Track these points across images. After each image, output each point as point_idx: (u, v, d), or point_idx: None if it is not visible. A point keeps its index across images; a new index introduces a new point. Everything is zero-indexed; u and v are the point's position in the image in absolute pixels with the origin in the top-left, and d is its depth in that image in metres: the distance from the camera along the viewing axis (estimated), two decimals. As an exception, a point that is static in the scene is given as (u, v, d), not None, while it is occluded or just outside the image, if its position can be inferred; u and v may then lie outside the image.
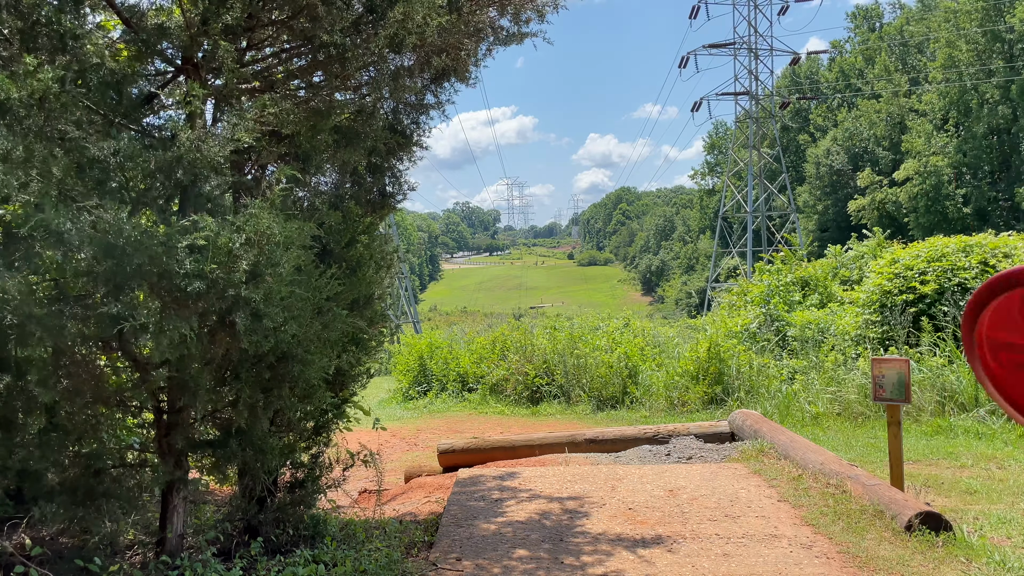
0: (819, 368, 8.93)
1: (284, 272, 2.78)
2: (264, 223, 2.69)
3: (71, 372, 2.90)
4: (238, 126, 2.87)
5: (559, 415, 10.04)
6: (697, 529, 4.06)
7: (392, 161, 4.30)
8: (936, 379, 7.70)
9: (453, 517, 4.45)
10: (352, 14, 3.31)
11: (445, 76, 4.23)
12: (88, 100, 2.82)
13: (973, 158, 44.36)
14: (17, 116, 2.45)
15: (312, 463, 3.94)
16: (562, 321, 14.26)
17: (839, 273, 12.96)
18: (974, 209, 43.66)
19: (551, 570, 3.55)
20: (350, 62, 3.31)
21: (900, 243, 11.60)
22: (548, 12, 4.38)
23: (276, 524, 3.78)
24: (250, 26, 3.34)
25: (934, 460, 5.92)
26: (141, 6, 3.39)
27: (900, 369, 4.48)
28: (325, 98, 3.58)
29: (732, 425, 6.83)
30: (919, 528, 3.77)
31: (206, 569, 3.17)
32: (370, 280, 3.86)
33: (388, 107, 4.15)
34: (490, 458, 6.54)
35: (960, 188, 44.42)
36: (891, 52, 54.10)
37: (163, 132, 3.25)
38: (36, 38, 2.87)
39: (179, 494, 3.33)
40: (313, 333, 3.15)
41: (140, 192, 2.82)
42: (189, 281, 2.60)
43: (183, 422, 3.22)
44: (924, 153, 44.70)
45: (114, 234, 2.46)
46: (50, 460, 2.93)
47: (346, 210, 3.76)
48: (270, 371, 3.22)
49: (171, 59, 3.37)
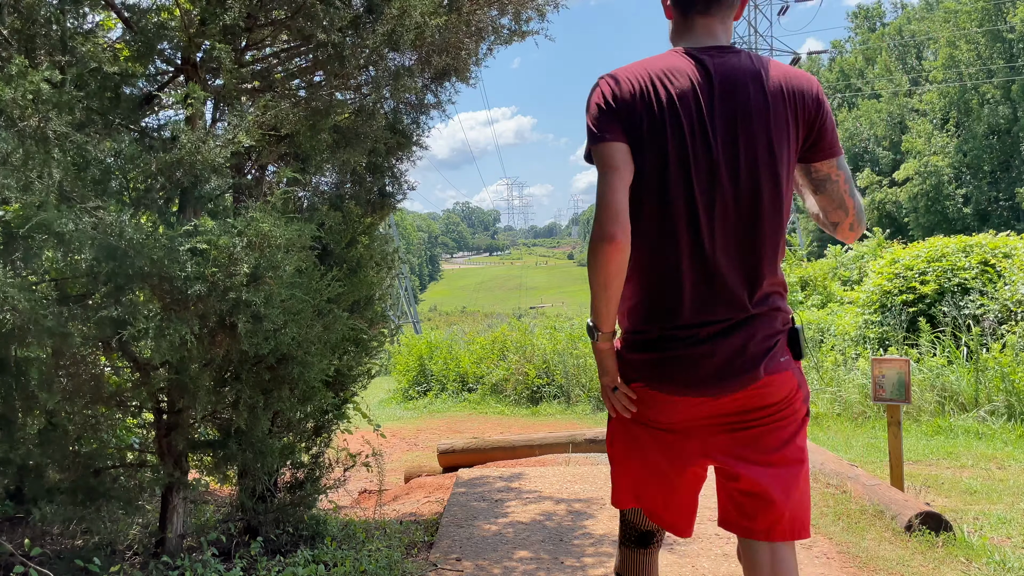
0: (819, 368, 8.93)
1: (285, 275, 2.78)
2: (265, 227, 2.69)
3: (71, 373, 2.91)
4: (239, 128, 2.86)
5: (559, 415, 10.04)
6: (697, 529, 4.06)
7: (392, 161, 4.30)
8: (936, 379, 7.70)
9: (453, 517, 4.45)
10: (350, 12, 3.31)
11: (446, 75, 4.23)
12: (87, 101, 2.82)
13: (973, 158, 44.35)
14: (11, 117, 2.44)
15: (312, 463, 3.93)
16: (562, 321, 14.27)
17: (839, 273, 12.97)
18: (974, 209, 43.65)
19: (552, 570, 3.55)
20: (349, 61, 3.31)
21: (900, 243, 11.61)
22: (549, 11, 4.39)
23: (276, 524, 3.78)
24: (249, 26, 3.33)
25: (934, 460, 5.92)
26: (140, 5, 3.39)
27: (900, 369, 4.48)
28: (325, 98, 3.58)
29: (732, 425, 6.83)
30: (919, 528, 3.77)
31: (206, 569, 3.17)
32: (370, 281, 3.86)
33: (388, 107, 4.15)
34: (490, 458, 6.53)
35: (960, 188, 44.42)
36: (891, 52, 54.08)
37: (162, 133, 3.25)
38: (35, 38, 2.87)
39: (179, 494, 3.33)
40: (314, 335, 3.14)
41: (140, 194, 2.82)
42: (190, 284, 2.60)
43: (183, 423, 3.22)
44: (924, 153, 44.69)
45: (116, 236, 2.46)
46: (50, 458, 2.93)
47: (346, 210, 3.76)
48: (270, 372, 3.21)
49: (170, 59, 3.36)
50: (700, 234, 1.77)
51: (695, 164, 1.77)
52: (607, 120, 1.80)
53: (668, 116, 1.77)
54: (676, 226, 1.78)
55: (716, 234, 1.78)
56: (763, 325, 1.82)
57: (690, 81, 1.79)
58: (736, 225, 1.78)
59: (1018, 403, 7.12)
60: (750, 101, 1.78)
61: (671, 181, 1.77)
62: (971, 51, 45.06)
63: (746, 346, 1.79)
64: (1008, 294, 8.44)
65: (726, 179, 1.77)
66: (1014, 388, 7.19)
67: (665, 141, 1.77)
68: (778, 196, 1.80)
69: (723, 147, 1.77)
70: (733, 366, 1.78)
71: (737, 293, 1.80)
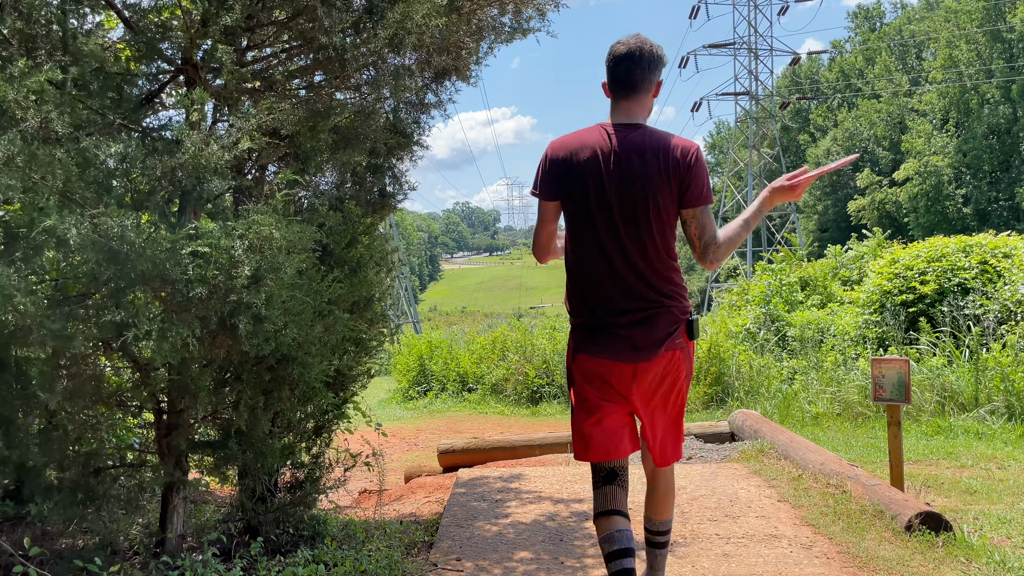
0: (819, 368, 8.93)
1: (286, 276, 2.78)
2: (267, 229, 2.69)
3: (72, 373, 2.91)
4: (242, 131, 2.87)
5: (559, 415, 10.04)
6: (697, 529, 4.06)
7: (392, 161, 4.30)
8: (936, 379, 7.70)
9: (453, 517, 4.45)
10: (352, 15, 3.31)
11: (446, 75, 4.23)
12: (89, 101, 2.82)
13: (973, 158, 44.36)
14: (14, 118, 2.44)
15: (312, 464, 3.93)
16: (562, 321, 14.25)
17: (839, 273, 12.97)
18: (974, 209, 43.66)
19: (552, 570, 3.55)
20: (350, 63, 3.31)
21: (900, 243, 11.60)
22: (549, 11, 4.38)
23: (276, 524, 3.78)
24: (250, 27, 3.34)
25: (934, 460, 5.92)
26: (142, 5, 3.39)
27: (900, 369, 4.48)
28: (325, 98, 3.58)
29: (732, 425, 6.84)
30: (919, 528, 3.77)
31: (206, 569, 3.17)
32: (371, 281, 3.86)
33: (388, 107, 4.15)
34: (490, 458, 6.54)
35: (960, 188, 44.42)
36: (891, 52, 54.08)
37: (162, 133, 3.24)
38: (36, 38, 2.87)
39: (179, 494, 3.33)
40: (314, 336, 3.15)
41: (143, 196, 2.82)
42: (192, 287, 2.60)
43: (183, 423, 3.22)
44: (924, 153, 44.70)
45: (118, 240, 2.46)
46: (50, 458, 2.93)
47: (346, 211, 3.75)
48: (271, 373, 3.21)
49: (170, 59, 3.36)
50: (607, 254, 2.59)
51: (600, 206, 2.58)
52: (543, 182, 2.68)
53: (585, 173, 2.60)
54: (593, 248, 2.62)
55: (617, 255, 2.58)
56: (663, 316, 2.60)
57: (601, 150, 2.60)
58: (628, 249, 2.58)
59: (1018, 403, 7.12)
60: (635, 165, 2.55)
61: (588, 218, 2.61)
62: (971, 51, 45.06)
63: (653, 331, 2.57)
64: (1008, 294, 8.44)
65: (618, 218, 2.57)
66: (1014, 388, 7.19)
67: (584, 189, 2.59)
68: (657, 230, 2.58)
69: (616, 196, 2.56)
70: (644, 340, 2.56)
71: (639, 294, 2.59)
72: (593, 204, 2.58)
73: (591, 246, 2.62)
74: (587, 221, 2.62)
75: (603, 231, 2.59)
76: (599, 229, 2.59)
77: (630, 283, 2.59)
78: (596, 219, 2.59)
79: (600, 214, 2.58)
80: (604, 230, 2.59)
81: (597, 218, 2.59)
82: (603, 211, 2.58)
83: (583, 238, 2.64)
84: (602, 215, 2.58)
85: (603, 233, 2.59)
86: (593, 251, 2.62)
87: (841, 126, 54.27)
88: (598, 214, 2.58)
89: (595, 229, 2.60)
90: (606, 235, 2.59)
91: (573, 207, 2.64)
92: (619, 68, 2.66)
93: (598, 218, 2.59)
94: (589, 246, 2.63)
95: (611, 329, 2.59)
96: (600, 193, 2.57)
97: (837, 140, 53.40)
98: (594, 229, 2.60)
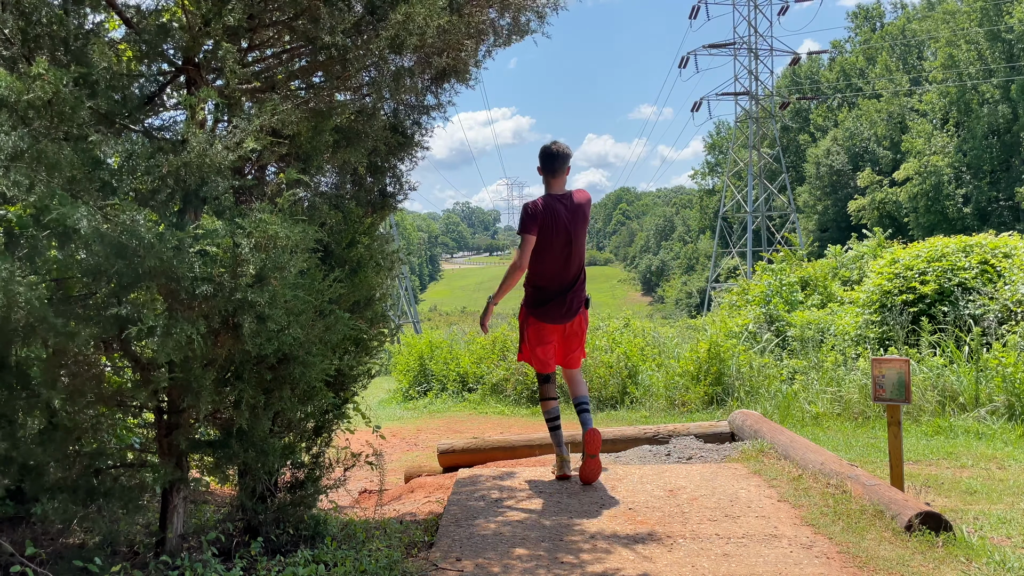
0: (819, 368, 8.93)
1: (290, 276, 2.79)
2: (273, 228, 2.70)
3: (73, 372, 2.91)
4: (246, 132, 2.87)
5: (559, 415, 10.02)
6: (697, 529, 4.07)
7: (393, 161, 4.30)
8: (936, 379, 7.70)
9: (453, 517, 4.46)
10: (353, 16, 3.31)
11: (446, 77, 4.24)
12: (92, 101, 2.83)
13: (973, 158, 44.36)
14: (26, 117, 2.45)
15: (313, 463, 3.94)
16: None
17: (839, 273, 12.96)
18: (974, 209, 43.67)
19: (551, 568, 3.56)
20: (351, 63, 3.31)
21: (900, 243, 11.59)
22: (548, 14, 4.39)
23: (276, 524, 3.78)
24: (251, 27, 3.34)
25: (934, 460, 5.93)
26: (143, 6, 3.40)
27: (900, 369, 4.49)
28: (326, 99, 3.58)
29: (732, 425, 6.84)
30: (919, 528, 3.78)
31: (206, 569, 3.17)
32: (371, 281, 3.86)
33: (389, 108, 4.15)
34: (490, 458, 6.54)
35: (960, 188, 44.42)
36: (892, 52, 54.07)
37: (164, 133, 3.25)
38: (39, 38, 2.88)
39: (179, 494, 3.33)
40: (315, 335, 3.15)
41: (146, 194, 2.83)
42: (198, 284, 2.60)
43: (184, 422, 3.22)
44: (924, 153, 44.70)
45: (128, 235, 2.47)
46: (51, 458, 2.93)
47: (347, 211, 3.76)
48: (272, 372, 3.22)
49: (172, 59, 3.37)
50: (558, 265, 4.79)
51: (558, 240, 4.73)
52: (530, 223, 4.70)
53: (551, 221, 4.70)
54: (549, 261, 4.78)
55: (561, 266, 4.79)
56: (578, 294, 4.86)
57: (558, 210, 4.73)
58: (568, 261, 4.79)
59: (1018, 403, 7.13)
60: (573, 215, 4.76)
61: (550, 246, 4.73)
62: (971, 51, 45.05)
63: (573, 302, 4.84)
64: (1008, 294, 8.44)
65: (567, 244, 4.76)
66: (1015, 388, 7.19)
67: (550, 230, 4.70)
68: (582, 250, 4.82)
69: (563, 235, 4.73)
70: (570, 310, 4.85)
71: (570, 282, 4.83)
72: (556, 238, 4.70)
73: (549, 259, 4.76)
74: (546, 248, 4.71)
75: (557, 253, 4.76)
76: (554, 253, 4.74)
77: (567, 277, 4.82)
78: (553, 247, 4.71)
79: (558, 244, 4.72)
80: (559, 252, 4.75)
81: (554, 247, 4.71)
82: (558, 242, 4.72)
83: (546, 256, 4.76)
84: (558, 243, 4.72)
85: (558, 255, 4.76)
86: (548, 262, 4.79)
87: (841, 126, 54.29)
88: (556, 244, 4.71)
89: (552, 254, 4.74)
90: (559, 255, 4.77)
91: (543, 239, 4.69)
92: (554, 163, 4.77)
93: (555, 247, 4.72)
94: (549, 259, 4.76)
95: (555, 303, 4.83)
96: (556, 233, 4.69)
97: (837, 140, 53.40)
98: (551, 254, 4.74)
